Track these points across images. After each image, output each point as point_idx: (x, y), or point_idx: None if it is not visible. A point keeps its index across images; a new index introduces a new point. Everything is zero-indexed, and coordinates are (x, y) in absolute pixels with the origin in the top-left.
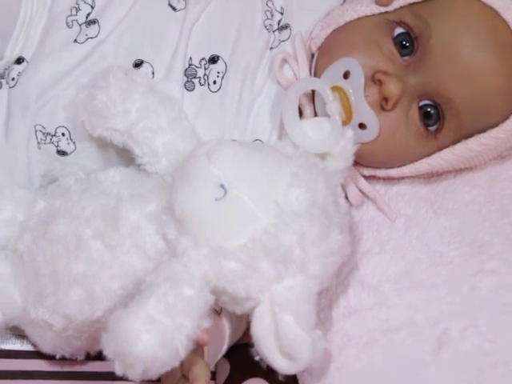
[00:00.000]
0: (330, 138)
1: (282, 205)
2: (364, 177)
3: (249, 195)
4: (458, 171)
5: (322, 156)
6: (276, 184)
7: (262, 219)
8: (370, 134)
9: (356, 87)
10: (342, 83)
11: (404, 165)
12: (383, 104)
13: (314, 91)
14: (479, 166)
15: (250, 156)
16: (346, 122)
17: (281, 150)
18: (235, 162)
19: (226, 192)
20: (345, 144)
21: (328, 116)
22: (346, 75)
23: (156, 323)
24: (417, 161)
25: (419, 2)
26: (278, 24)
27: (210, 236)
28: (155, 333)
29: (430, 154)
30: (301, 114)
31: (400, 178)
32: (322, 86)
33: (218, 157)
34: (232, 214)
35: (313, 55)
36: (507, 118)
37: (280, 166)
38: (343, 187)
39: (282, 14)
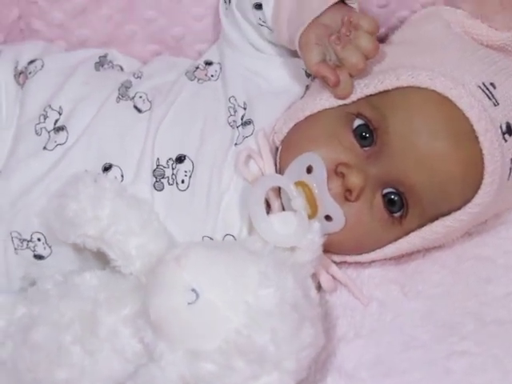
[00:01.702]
0: (297, 233)
1: (253, 305)
2: (335, 262)
3: (220, 298)
4: (427, 250)
5: (291, 249)
6: (245, 284)
7: (234, 320)
8: (336, 225)
9: (319, 181)
10: (306, 178)
11: (372, 250)
12: (347, 195)
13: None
14: (447, 244)
15: (219, 258)
16: (312, 216)
17: (250, 246)
18: (204, 266)
19: (197, 296)
20: (312, 237)
21: (294, 211)
22: (309, 170)
23: None
24: (384, 246)
25: (376, 94)
26: (242, 119)
27: (185, 339)
28: None
29: (396, 239)
30: (269, 207)
31: (370, 262)
32: (286, 182)
33: (187, 262)
34: (205, 317)
35: (277, 149)
36: (469, 201)
37: (248, 266)
38: (315, 275)
39: (244, 109)
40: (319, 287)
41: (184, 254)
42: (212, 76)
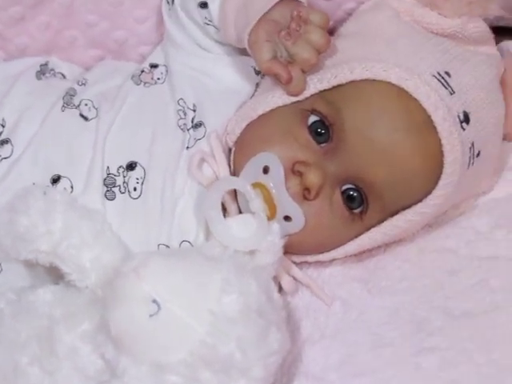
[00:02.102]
0: (257, 235)
1: (216, 313)
2: (295, 263)
3: (182, 307)
4: (387, 244)
5: (252, 252)
6: (208, 292)
7: (198, 330)
8: (295, 226)
9: (277, 181)
10: (263, 179)
11: (333, 249)
12: (306, 194)
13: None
14: (408, 238)
15: (178, 267)
16: (270, 217)
17: (209, 252)
18: (164, 276)
19: (159, 307)
20: (272, 239)
21: (252, 213)
22: (265, 170)
23: None
24: (345, 243)
25: (330, 89)
26: (192, 122)
27: (148, 353)
28: None
29: (357, 235)
30: (225, 211)
31: (331, 260)
32: (242, 184)
33: (146, 272)
34: (168, 328)
35: (230, 150)
36: (430, 192)
37: (209, 273)
38: (276, 278)
39: (194, 111)
40: (280, 289)
41: (142, 265)
42: (158, 79)
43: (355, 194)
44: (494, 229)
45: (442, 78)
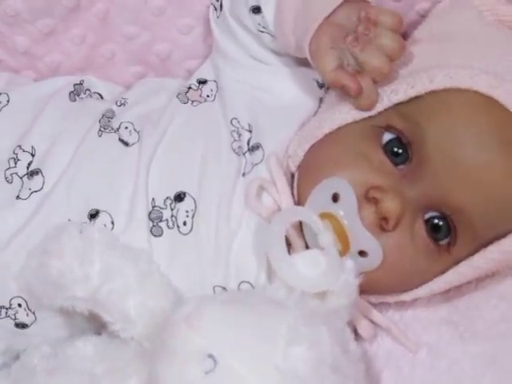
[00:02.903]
0: (328, 273)
1: (283, 370)
2: (373, 304)
3: (243, 363)
4: (479, 280)
5: (322, 294)
6: (272, 344)
7: None
8: (372, 261)
9: (349, 210)
10: (332, 208)
11: (416, 287)
12: (383, 224)
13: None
14: (503, 271)
15: (237, 314)
16: (343, 252)
17: (272, 295)
18: (221, 326)
19: (216, 363)
20: (346, 277)
21: (322, 248)
22: (335, 198)
23: None
24: (431, 280)
25: (406, 102)
26: (248, 144)
27: None
28: None
29: (444, 271)
30: (290, 247)
31: (414, 300)
32: (309, 215)
33: (200, 322)
34: None
35: (293, 175)
36: None
37: (274, 321)
38: (351, 323)
39: (250, 132)
40: (356, 335)
41: (196, 313)
42: (208, 96)
43: (441, 223)
44: None
45: None
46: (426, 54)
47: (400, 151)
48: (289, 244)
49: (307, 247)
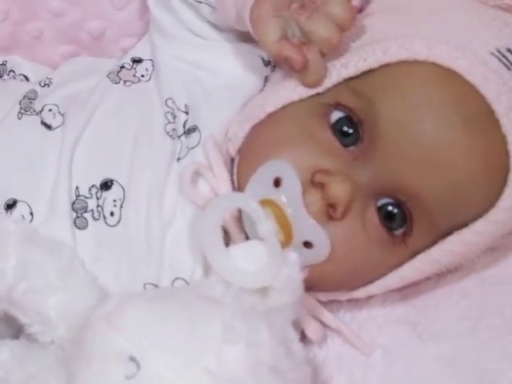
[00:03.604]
0: (269, 267)
1: (216, 371)
2: (321, 303)
3: (169, 366)
4: (439, 276)
5: (263, 290)
6: (204, 344)
7: None
8: (319, 253)
9: (292, 197)
10: (274, 194)
11: (370, 282)
12: (330, 212)
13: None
14: (466, 266)
15: (165, 312)
16: (285, 244)
17: (208, 291)
18: (146, 325)
19: (138, 366)
20: (289, 271)
21: (262, 239)
22: (277, 183)
23: None
24: (385, 275)
25: (357, 76)
26: (184, 127)
27: None
28: None
29: (400, 264)
30: (228, 237)
31: (368, 298)
32: (248, 201)
33: (121, 321)
34: None
35: (233, 160)
36: (493, 205)
37: (207, 319)
38: (297, 323)
39: (186, 113)
40: (303, 337)
41: (118, 311)
42: (142, 76)
43: (395, 211)
44: None
45: (504, 56)
46: (380, 26)
47: (350, 131)
48: (227, 235)
49: (247, 238)
